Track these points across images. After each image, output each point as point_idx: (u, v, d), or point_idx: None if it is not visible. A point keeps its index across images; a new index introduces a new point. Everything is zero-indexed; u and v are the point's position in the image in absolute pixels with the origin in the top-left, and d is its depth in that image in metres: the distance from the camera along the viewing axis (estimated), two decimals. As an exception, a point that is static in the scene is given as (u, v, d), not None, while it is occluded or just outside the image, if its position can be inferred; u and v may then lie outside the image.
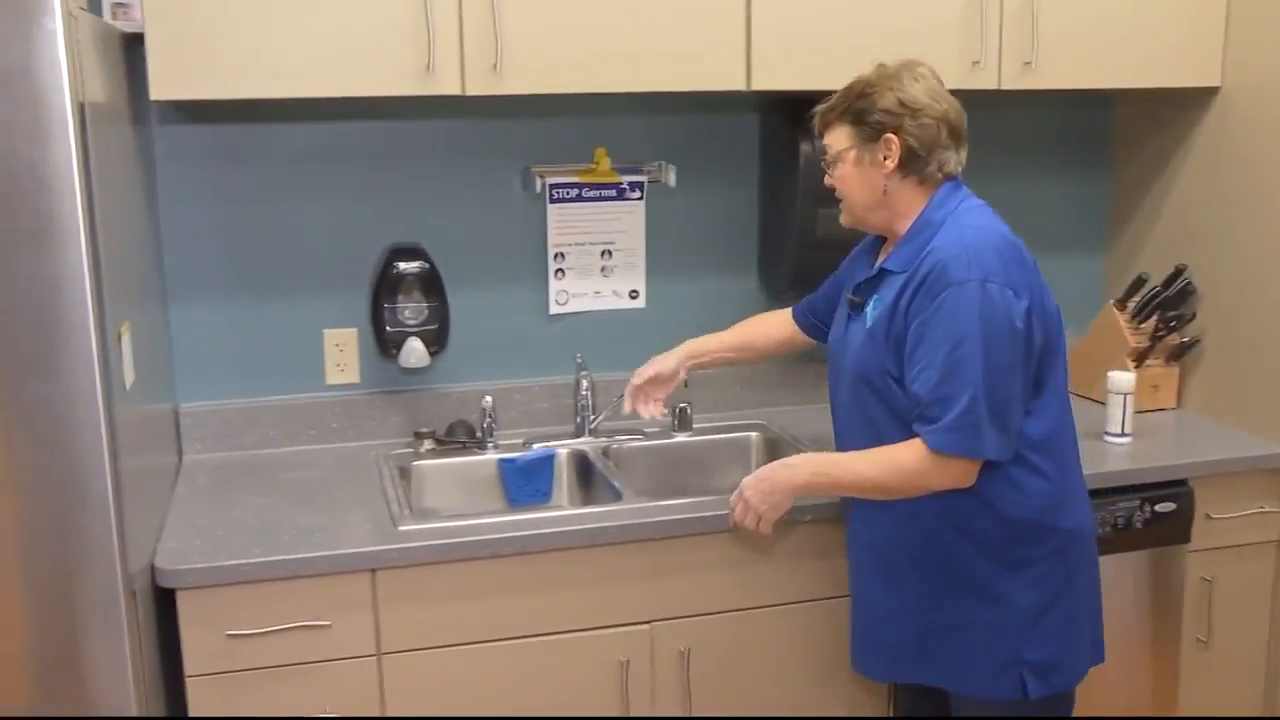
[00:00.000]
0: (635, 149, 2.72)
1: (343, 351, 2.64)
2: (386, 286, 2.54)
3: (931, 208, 1.92)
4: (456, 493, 2.56)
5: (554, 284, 2.73)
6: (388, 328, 2.55)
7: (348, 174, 2.58)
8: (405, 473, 2.50)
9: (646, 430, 2.70)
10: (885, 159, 1.91)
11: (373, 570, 2.06)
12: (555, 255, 2.71)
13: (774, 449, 2.64)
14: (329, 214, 2.58)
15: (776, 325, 2.37)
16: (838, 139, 1.96)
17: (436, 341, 2.58)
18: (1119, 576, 2.46)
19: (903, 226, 1.95)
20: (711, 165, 2.77)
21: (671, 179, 2.71)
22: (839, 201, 2.01)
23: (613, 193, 2.72)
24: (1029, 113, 2.97)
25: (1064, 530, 1.91)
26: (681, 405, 2.71)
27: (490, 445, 2.60)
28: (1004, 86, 2.51)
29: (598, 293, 2.76)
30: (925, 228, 1.90)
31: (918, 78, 1.92)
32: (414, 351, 2.55)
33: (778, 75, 2.38)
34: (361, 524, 2.16)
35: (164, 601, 2.01)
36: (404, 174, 2.61)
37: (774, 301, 2.85)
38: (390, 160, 2.60)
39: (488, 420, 2.59)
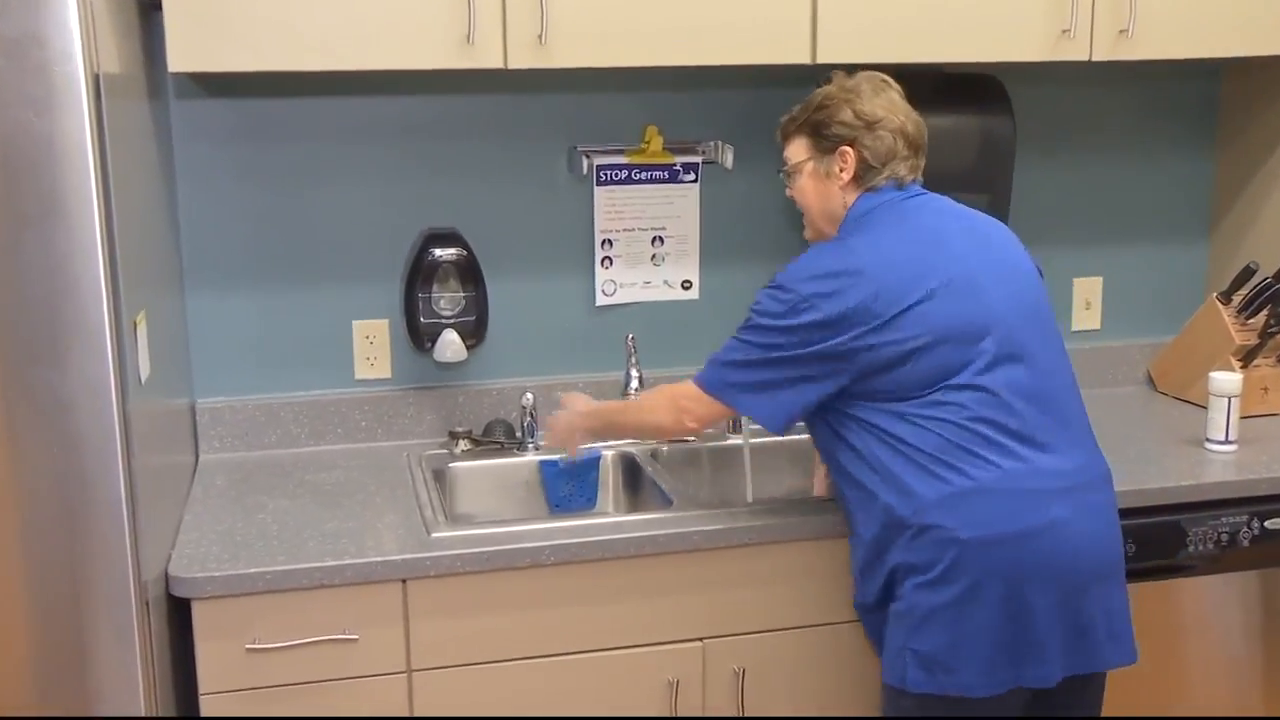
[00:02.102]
0: (690, 127, 2.71)
1: (373, 344, 2.64)
2: (421, 275, 2.54)
3: (845, 220, 2.06)
4: (494, 497, 2.56)
5: (601, 273, 2.72)
6: (422, 319, 2.55)
7: (380, 154, 2.58)
8: (439, 475, 2.50)
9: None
10: (841, 171, 2.05)
11: (403, 580, 2.06)
12: (603, 242, 2.70)
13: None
14: (359, 196, 2.59)
15: None
16: (796, 151, 2.12)
17: (474, 334, 2.58)
18: (1223, 598, 2.42)
19: None
20: (771, 145, 2.71)
21: (729, 160, 2.69)
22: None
23: (665, 175, 2.71)
24: (1124, 87, 2.92)
25: (961, 539, 1.91)
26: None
27: (531, 446, 2.60)
28: (1096, 58, 2.46)
29: (648, 283, 2.75)
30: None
31: (878, 90, 2.05)
32: (450, 345, 2.55)
33: (845, 48, 2.36)
34: (392, 530, 2.16)
35: (178, 612, 2.02)
36: (440, 154, 2.61)
37: (840, 293, 2.81)
38: (426, 139, 2.60)
39: (528, 419, 2.59)
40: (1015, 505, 1.92)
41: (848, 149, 2.03)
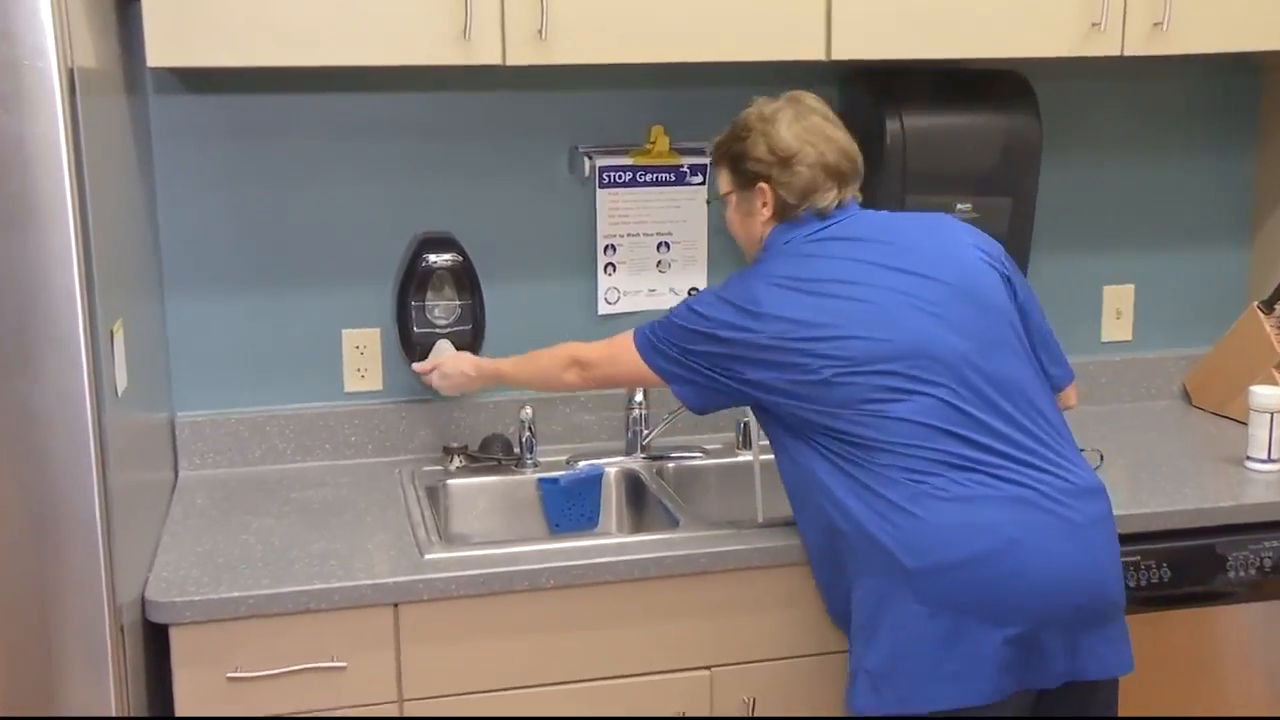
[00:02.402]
0: (698, 127, 2.70)
1: (364, 355, 2.64)
2: (414, 282, 2.54)
3: (766, 248, 2.11)
4: (491, 516, 2.56)
5: (603, 280, 2.72)
6: (415, 328, 2.55)
7: (371, 154, 2.58)
8: (433, 493, 2.50)
9: (707, 448, 2.68)
10: (762, 207, 2.10)
11: (395, 604, 2.05)
12: (605, 248, 2.70)
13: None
14: (349, 199, 2.59)
15: None
16: (723, 182, 2.18)
17: (470, 344, 2.57)
18: (1265, 627, 2.40)
19: None
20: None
21: (739, 160, 2.68)
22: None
23: (671, 177, 2.71)
24: (1158, 83, 2.91)
25: (901, 564, 1.91)
26: (745, 420, 2.68)
27: (529, 463, 2.60)
28: (1129, 53, 2.45)
29: (653, 291, 2.74)
30: None
31: (800, 116, 2.08)
32: (444, 355, 2.52)
33: (862, 43, 2.36)
34: (383, 551, 2.16)
35: (155, 639, 2.01)
36: (435, 155, 2.61)
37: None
38: (419, 139, 2.60)
39: (527, 434, 2.59)
40: (953, 530, 1.90)
41: (764, 186, 2.07)
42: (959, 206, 2.52)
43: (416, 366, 2.51)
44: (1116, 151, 2.91)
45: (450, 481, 2.54)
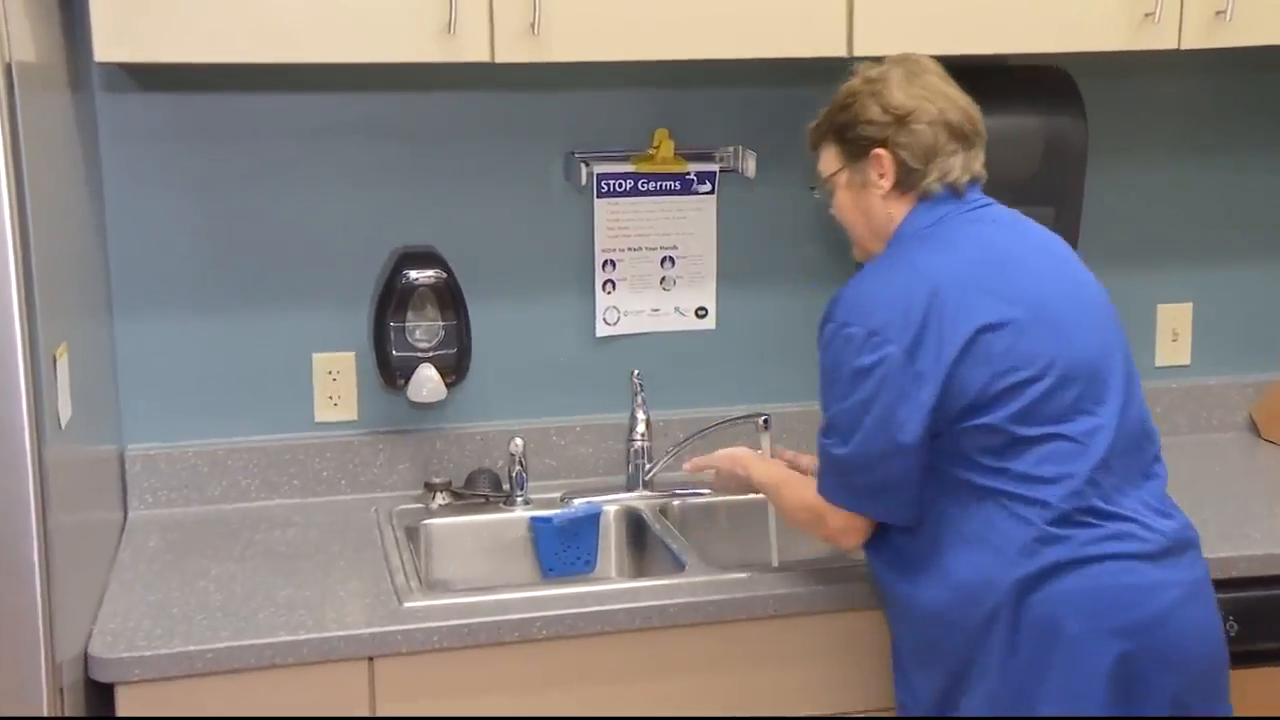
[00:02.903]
0: (705, 131, 2.72)
1: (337, 381, 2.64)
2: (393, 300, 2.54)
3: (899, 234, 2.02)
4: (477, 560, 2.56)
5: (602, 299, 2.72)
6: (394, 352, 2.56)
7: (346, 160, 2.59)
8: (413, 534, 2.50)
9: (716, 484, 2.68)
10: (880, 178, 2.02)
11: (370, 658, 2.05)
12: (604, 263, 2.71)
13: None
14: (322, 209, 2.59)
15: None
16: (828, 161, 2.11)
17: (455, 370, 2.59)
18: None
19: None
20: (799, 151, 2.71)
21: (750, 168, 2.69)
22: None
23: (676, 185, 2.71)
24: (1219, 80, 2.92)
25: (1066, 630, 1.86)
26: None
27: (520, 500, 2.60)
28: (1186, 46, 2.46)
29: (656, 310, 2.75)
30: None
31: (911, 76, 2.02)
32: (426, 382, 2.55)
33: (887, 37, 2.34)
34: (357, 599, 2.16)
35: (99, 700, 2.00)
36: (416, 161, 2.62)
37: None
38: (399, 143, 2.61)
39: (517, 469, 2.59)
40: (1120, 591, 1.87)
41: (881, 151, 2.00)
42: (996, 217, 2.51)
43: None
44: (1171, 155, 2.92)
45: (432, 521, 2.54)
